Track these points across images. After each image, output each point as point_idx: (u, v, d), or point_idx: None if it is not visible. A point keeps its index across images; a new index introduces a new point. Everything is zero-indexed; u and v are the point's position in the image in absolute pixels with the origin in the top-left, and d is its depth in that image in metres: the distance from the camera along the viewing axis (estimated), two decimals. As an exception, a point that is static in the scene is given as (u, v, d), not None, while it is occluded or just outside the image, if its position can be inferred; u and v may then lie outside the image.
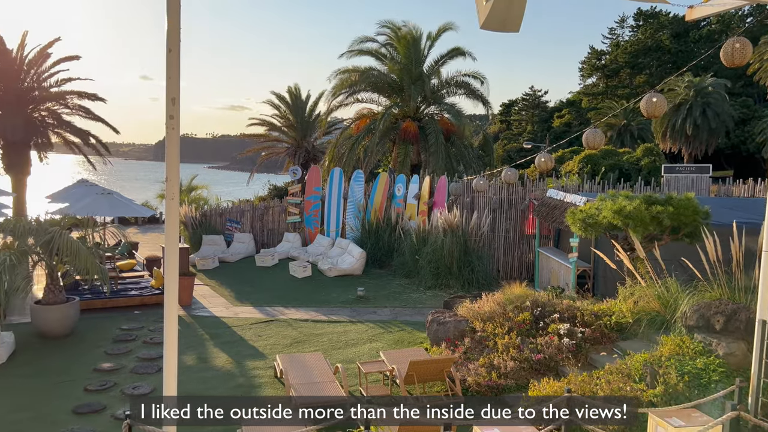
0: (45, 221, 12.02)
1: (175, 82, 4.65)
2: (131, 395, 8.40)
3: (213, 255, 18.18)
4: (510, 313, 9.54)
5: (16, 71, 23.43)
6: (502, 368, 8.38)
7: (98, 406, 7.99)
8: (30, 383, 8.87)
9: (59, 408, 7.93)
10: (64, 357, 10.04)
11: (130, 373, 9.30)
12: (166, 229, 4.92)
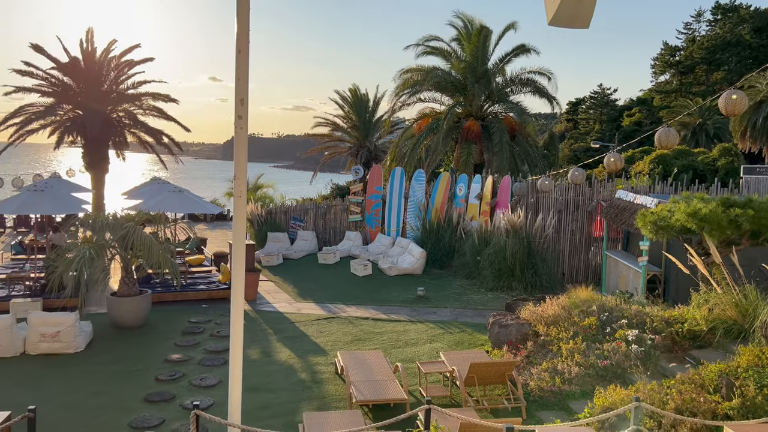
0: (121, 217, 12.61)
1: (244, 83, 4.77)
2: (199, 386, 8.71)
3: (277, 252, 18.59)
4: (575, 318, 9.27)
5: (98, 74, 24.75)
6: (566, 373, 8.16)
7: (168, 396, 8.32)
8: (106, 370, 9.33)
9: (132, 395, 8.31)
10: (137, 347, 10.51)
11: (197, 365, 9.63)
12: (234, 226, 5.05)
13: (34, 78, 24.22)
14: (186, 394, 8.39)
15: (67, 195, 15.58)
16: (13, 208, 14.43)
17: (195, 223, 26.86)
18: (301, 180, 48.71)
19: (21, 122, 24.13)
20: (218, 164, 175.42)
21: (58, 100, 24.52)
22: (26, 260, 16.39)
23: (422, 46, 25.14)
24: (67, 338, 9.97)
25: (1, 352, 9.67)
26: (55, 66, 24.27)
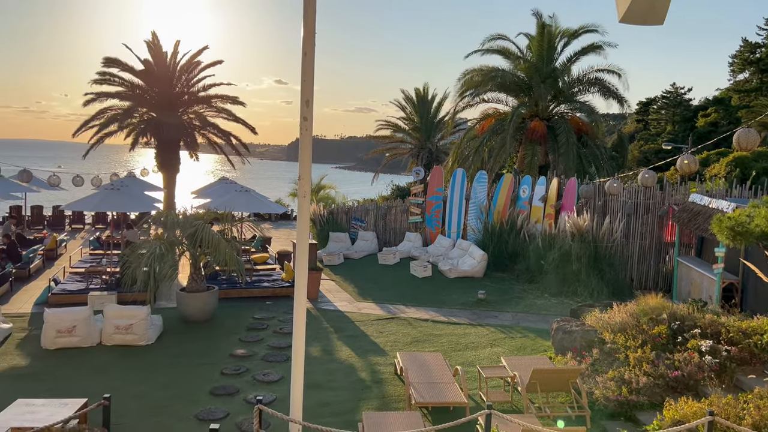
0: (190, 215, 13.09)
1: (309, 84, 4.84)
2: (262, 381, 8.92)
3: (339, 251, 18.81)
4: (644, 326, 8.92)
5: (169, 78, 25.80)
6: (634, 383, 7.86)
7: (232, 390, 8.56)
8: (175, 363, 9.70)
9: (199, 388, 8.60)
10: (204, 341, 10.88)
11: (261, 360, 9.86)
12: (298, 226, 5.14)
13: (111, 84, 25.50)
14: (249, 389, 8.60)
15: (140, 194, 16.33)
16: (91, 205, 15.23)
17: (260, 222, 27.56)
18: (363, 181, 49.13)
19: (101, 125, 25.45)
20: (283, 165, 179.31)
21: (134, 103, 25.72)
22: (103, 255, 17.27)
23: (486, 47, 24.82)
24: (140, 331, 10.44)
25: (80, 342, 10.22)
26: (130, 72, 25.47)
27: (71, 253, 18.58)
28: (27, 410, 6.69)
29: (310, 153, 5.00)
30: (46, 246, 18.16)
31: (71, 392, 7.75)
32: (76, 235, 23.90)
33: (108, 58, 25.15)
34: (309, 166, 4.99)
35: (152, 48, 25.56)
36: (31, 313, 12.15)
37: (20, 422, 6.30)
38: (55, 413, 6.57)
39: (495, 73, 24.42)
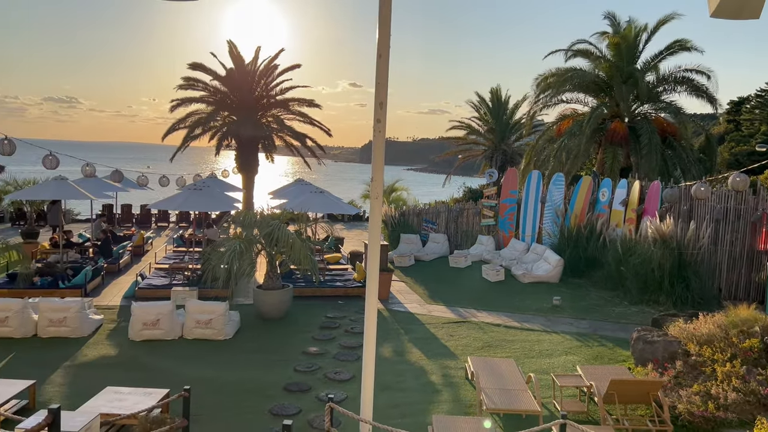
0: (267, 215, 13.48)
1: (383, 86, 4.86)
2: (333, 380, 9.05)
3: (409, 253, 18.83)
4: (734, 338, 8.38)
5: (249, 82, 26.71)
6: (722, 399, 7.39)
7: (305, 387, 8.73)
8: (251, 358, 10.01)
9: (273, 383, 8.83)
10: (278, 338, 11.17)
11: (332, 359, 10.01)
12: (370, 227, 5.17)
13: (196, 89, 26.69)
14: (321, 386, 8.75)
15: (221, 194, 17.00)
16: (175, 204, 16.00)
17: (334, 222, 28.01)
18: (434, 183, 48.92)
19: (187, 128, 26.69)
20: (356, 167, 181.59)
21: (216, 107, 26.80)
22: (185, 252, 18.09)
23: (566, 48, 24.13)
24: (218, 326, 10.85)
25: (163, 334, 10.74)
26: (213, 78, 26.57)
27: (156, 250, 19.59)
28: (115, 397, 7.10)
29: (383, 155, 5.02)
30: (134, 243, 19.22)
31: (154, 382, 8.14)
32: (161, 232, 25.19)
33: (193, 64, 26.34)
34: (381, 168, 5.02)
35: (233, 54, 26.55)
36: (120, 306, 12.89)
37: (109, 409, 6.69)
38: (140, 402, 6.94)
39: (573, 73, 23.69)
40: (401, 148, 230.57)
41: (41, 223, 23.95)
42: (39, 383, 8.07)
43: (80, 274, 13.73)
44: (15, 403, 7.46)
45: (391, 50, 4.88)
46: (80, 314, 10.81)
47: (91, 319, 11.24)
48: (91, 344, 10.43)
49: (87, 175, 19.50)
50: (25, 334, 10.62)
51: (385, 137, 5.02)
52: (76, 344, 10.36)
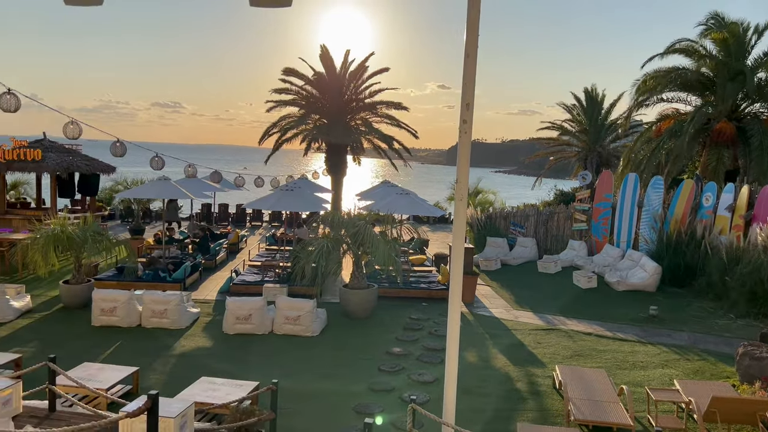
0: (354, 216, 13.71)
1: (471, 87, 4.82)
2: (416, 381, 9.05)
3: (496, 257, 18.50)
4: None
5: (339, 86, 27.29)
6: (843, 426, 6.71)
7: (388, 386, 8.79)
8: (336, 356, 10.21)
9: (358, 382, 8.96)
10: (363, 337, 11.32)
11: (416, 360, 10.01)
12: (454, 229, 5.13)
13: (289, 93, 27.61)
14: (404, 387, 8.77)
15: (311, 195, 17.48)
16: (268, 204, 16.62)
17: (419, 224, 28.05)
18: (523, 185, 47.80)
19: (280, 131, 27.69)
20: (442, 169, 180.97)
21: (307, 111, 27.59)
22: (277, 251, 18.75)
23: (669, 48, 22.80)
24: (306, 322, 11.15)
25: (254, 329, 11.18)
26: (305, 82, 27.39)
27: (250, 248, 20.44)
28: (209, 387, 7.47)
29: (469, 155, 4.97)
30: (230, 240, 20.16)
31: (245, 374, 8.48)
32: (255, 231, 26.26)
33: (287, 69, 27.26)
34: (467, 169, 4.97)
35: (323, 59, 27.22)
36: (215, 300, 13.55)
37: (203, 398, 7.05)
38: (231, 393, 7.26)
39: (675, 71, 22.34)
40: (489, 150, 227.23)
41: (147, 220, 25.66)
42: (142, 370, 8.63)
43: (180, 269, 14.58)
44: (120, 388, 8.03)
45: (479, 50, 4.83)
46: (179, 307, 11.47)
47: (189, 311, 11.91)
48: (188, 335, 11.04)
49: (189, 175, 20.69)
50: (131, 324, 11.41)
51: (471, 138, 4.97)
52: (175, 335, 11.00)
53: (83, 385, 6.62)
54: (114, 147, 14.82)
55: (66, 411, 6.22)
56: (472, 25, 4.76)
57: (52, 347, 9.79)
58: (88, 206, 21.57)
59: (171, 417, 5.07)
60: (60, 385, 6.59)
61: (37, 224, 13.21)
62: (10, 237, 15.79)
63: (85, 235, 12.46)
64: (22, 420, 5.68)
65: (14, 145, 17.97)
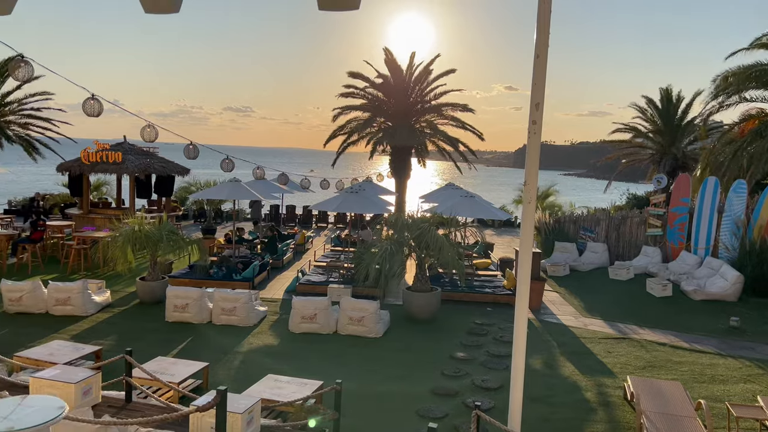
0: (417, 218, 13.68)
1: (540, 87, 4.70)
2: (480, 387, 8.91)
3: (564, 262, 18.01)
4: None
5: (404, 88, 27.34)
6: None
7: (452, 391, 8.69)
8: (399, 358, 10.20)
9: (420, 385, 8.91)
10: (426, 340, 11.25)
11: (480, 366, 9.86)
12: (522, 233, 5.01)
13: (354, 97, 27.91)
14: (468, 393, 8.65)
15: (375, 197, 17.60)
16: (333, 206, 16.84)
17: (483, 227, 27.69)
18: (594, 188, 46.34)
19: (345, 134, 28.04)
20: (509, 172, 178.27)
21: (373, 114, 27.80)
22: (341, 252, 18.97)
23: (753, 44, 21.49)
24: (369, 324, 11.20)
25: (319, 328, 11.33)
26: (369, 85, 27.61)
27: (316, 248, 20.78)
28: (275, 385, 7.61)
29: (538, 157, 4.85)
30: (297, 241, 20.57)
31: (309, 373, 8.60)
32: (320, 232, 26.68)
33: (352, 72, 27.58)
34: (536, 171, 4.85)
35: (389, 62, 27.35)
36: (282, 299, 13.84)
37: (269, 395, 7.19)
38: (296, 391, 7.37)
39: (759, 67, 21.03)
40: (558, 152, 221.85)
41: (218, 221, 26.55)
42: (211, 366, 8.91)
43: (249, 268, 14.99)
44: (191, 382, 8.31)
45: (549, 50, 4.70)
46: (248, 305, 11.78)
47: (257, 310, 12.21)
48: (256, 333, 11.32)
49: (257, 177, 21.24)
50: (202, 320, 11.81)
51: (540, 139, 4.85)
52: (243, 332, 11.30)
53: (157, 378, 6.89)
54: (188, 150, 15.41)
55: (141, 402, 6.49)
56: (542, 24, 4.65)
57: (128, 340, 10.27)
58: (163, 206, 22.54)
59: (238, 413, 5.20)
60: (136, 377, 6.89)
61: (117, 223, 13.90)
62: (92, 235, 16.72)
63: (161, 234, 13.01)
64: (100, 409, 5.97)
65: (97, 148, 19.01)
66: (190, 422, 5.19)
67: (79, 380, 5.52)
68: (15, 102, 26.97)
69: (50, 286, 12.07)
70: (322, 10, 3.53)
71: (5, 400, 4.17)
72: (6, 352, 8.62)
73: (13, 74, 8.62)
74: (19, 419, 3.77)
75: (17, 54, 8.61)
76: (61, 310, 11.91)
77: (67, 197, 26.15)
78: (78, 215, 20.04)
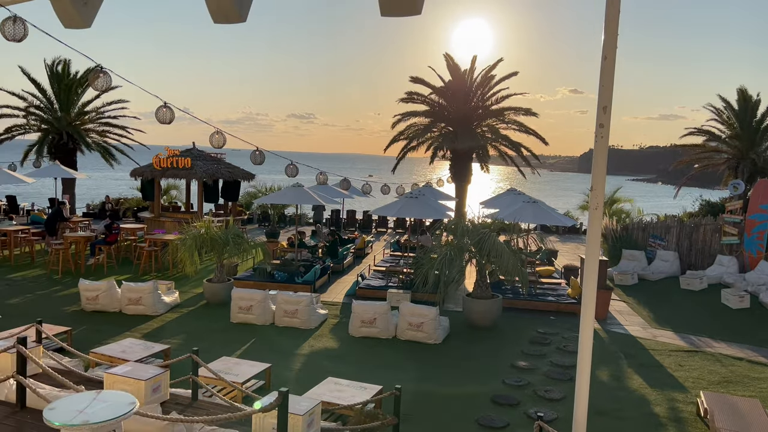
0: (478, 224, 13.51)
1: (608, 90, 4.55)
2: (543, 398, 8.68)
3: (632, 271, 17.36)
4: None
5: (466, 93, 27.16)
6: None
7: (513, 401, 8.51)
8: (459, 365, 10.09)
9: (480, 393, 8.77)
10: (486, 348, 11.08)
11: (542, 376, 9.62)
12: (588, 240, 4.86)
13: (415, 102, 27.94)
14: (530, 403, 8.45)
15: (435, 202, 17.51)
16: (393, 211, 16.88)
17: (547, 234, 27.06)
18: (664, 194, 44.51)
19: (406, 140, 28.11)
20: (574, 177, 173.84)
21: (433, 119, 27.75)
22: (401, 257, 18.98)
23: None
24: (429, 330, 11.14)
25: (379, 333, 11.36)
26: (431, 91, 27.57)
27: (375, 253, 20.89)
28: (335, 388, 7.68)
29: (605, 162, 4.69)
30: (357, 245, 20.74)
31: (369, 377, 8.62)
32: (380, 237, 26.81)
33: (414, 78, 27.64)
34: (603, 176, 4.69)
35: (450, 66, 27.24)
36: (342, 303, 13.97)
37: (329, 398, 7.26)
38: (356, 395, 7.41)
39: None
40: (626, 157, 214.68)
41: (282, 225, 27.11)
42: (273, 367, 9.08)
43: (310, 272, 15.22)
44: (254, 383, 8.50)
45: (618, 51, 4.55)
46: (309, 308, 11.96)
47: (318, 313, 12.38)
48: (316, 336, 11.47)
49: (320, 182, 21.59)
50: (265, 322, 12.08)
51: (608, 143, 4.70)
52: (304, 335, 11.48)
53: (222, 378, 7.08)
54: (253, 155, 15.84)
55: (206, 401, 6.69)
56: (611, 25, 4.50)
57: (195, 340, 10.62)
58: (230, 210, 23.22)
59: (300, 414, 5.27)
60: (201, 376, 7.11)
61: (186, 226, 14.43)
62: (162, 237, 17.41)
63: (227, 237, 13.40)
64: (168, 406, 6.19)
65: (168, 154, 19.80)
66: (253, 422, 5.30)
67: (149, 377, 5.74)
68: (93, 111, 28.55)
69: (123, 286, 12.65)
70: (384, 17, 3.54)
71: (82, 395, 4.39)
72: (83, 348, 9.09)
73: (92, 84, 9.10)
74: (94, 413, 3.95)
75: (96, 65, 9.07)
76: (133, 309, 12.45)
77: (140, 201, 27.39)
78: (149, 218, 20.93)
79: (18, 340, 5.93)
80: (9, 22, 7.15)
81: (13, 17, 7.16)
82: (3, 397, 5.94)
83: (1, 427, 5.31)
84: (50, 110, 27.47)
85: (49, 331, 8.61)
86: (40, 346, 7.04)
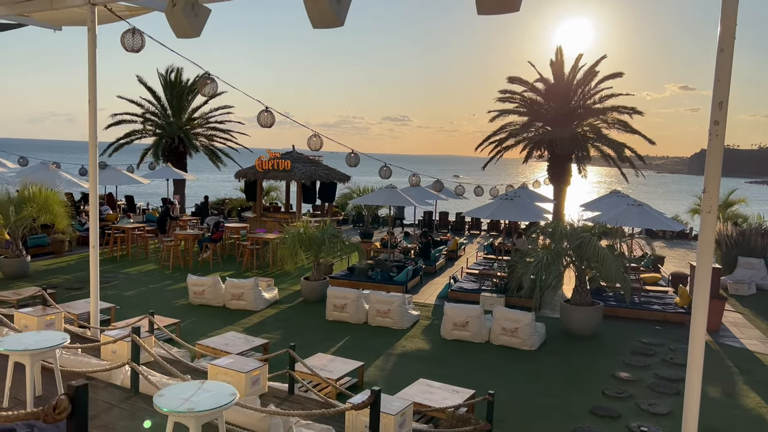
0: (578, 227, 12.99)
1: (725, 84, 4.23)
2: (647, 411, 8.20)
3: (749, 280, 16.03)
4: None
5: (566, 92, 26.27)
6: None
7: (614, 413, 8.11)
8: (556, 373, 9.75)
9: (578, 403, 8.43)
10: (585, 356, 10.63)
11: (646, 388, 9.09)
12: (699, 245, 4.54)
13: (512, 102, 27.39)
14: (632, 416, 8.01)
15: (531, 204, 17.05)
16: (487, 213, 16.63)
17: (653, 239, 25.55)
18: (788, 198, 40.63)
19: (499, 140, 27.63)
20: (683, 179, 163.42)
21: (531, 118, 27.07)
22: (495, 260, 18.64)
23: None
24: (524, 335, 10.85)
25: (471, 336, 11.21)
26: (528, 89, 26.91)
27: (468, 256, 20.65)
28: (426, 390, 7.66)
29: (720, 161, 4.36)
30: (449, 247, 20.61)
31: (460, 381, 8.52)
32: (473, 239, 26.48)
33: (511, 77, 27.11)
34: (718, 177, 4.36)
35: (553, 64, 26.44)
36: (434, 305, 13.93)
37: (420, 399, 7.25)
38: (447, 398, 7.35)
39: None
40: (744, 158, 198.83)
41: (375, 225, 27.49)
42: (366, 365, 9.21)
43: (403, 273, 15.30)
44: (347, 380, 8.66)
45: (735, 43, 4.22)
46: (402, 308, 12.02)
47: (410, 314, 12.42)
48: (408, 337, 11.50)
49: (413, 184, 21.65)
50: (358, 320, 12.28)
51: (723, 142, 4.36)
52: (396, 335, 11.55)
53: (317, 374, 7.28)
54: (349, 158, 16.15)
55: (302, 396, 6.89)
56: (728, 14, 4.18)
57: (292, 336, 10.99)
58: (326, 211, 23.85)
59: (392, 414, 5.30)
60: (298, 371, 7.33)
61: (285, 226, 14.97)
62: (264, 236, 18.18)
63: (323, 237, 13.77)
64: (266, 399, 6.44)
65: (270, 157, 20.65)
66: (346, 419, 5.40)
67: (249, 370, 6.00)
68: (201, 116, 30.33)
69: (227, 282, 13.32)
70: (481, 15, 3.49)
71: (188, 383, 4.66)
72: (190, 339, 9.67)
73: (201, 90, 9.65)
74: (199, 402, 4.18)
75: (204, 72, 9.61)
76: (235, 304, 13.08)
77: (243, 201, 28.75)
78: (252, 218, 21.91)
79: (132, 330, 6.40)
80: (129, 34, 7.73)
81: (132, 29, 7.74)
82: (119, 382, 6.42)
83: (116, 410, 5.74)
84: (164, 116, 29.49)
85: (160, 322, 9.22)
86: (152, 336, 7.56)
